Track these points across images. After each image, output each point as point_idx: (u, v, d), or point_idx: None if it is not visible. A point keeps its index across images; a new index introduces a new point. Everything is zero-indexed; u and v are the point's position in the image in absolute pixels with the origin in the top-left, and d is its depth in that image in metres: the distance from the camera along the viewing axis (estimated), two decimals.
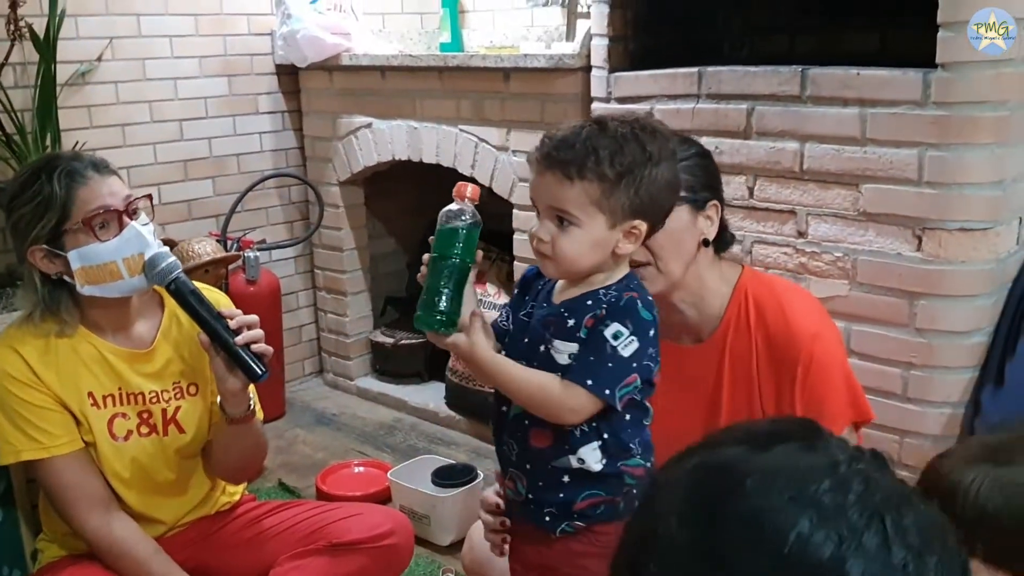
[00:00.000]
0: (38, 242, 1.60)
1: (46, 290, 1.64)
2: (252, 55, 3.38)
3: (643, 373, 1.28)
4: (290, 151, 3.55)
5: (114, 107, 3.04)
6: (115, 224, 1.62)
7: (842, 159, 2.01)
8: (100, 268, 1.61)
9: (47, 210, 1.59)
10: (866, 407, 1.56)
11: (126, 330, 1.72)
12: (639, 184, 1.26)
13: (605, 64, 2.43)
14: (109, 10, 2.98)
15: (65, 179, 1.60)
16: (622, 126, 1.30)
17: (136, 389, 1.70)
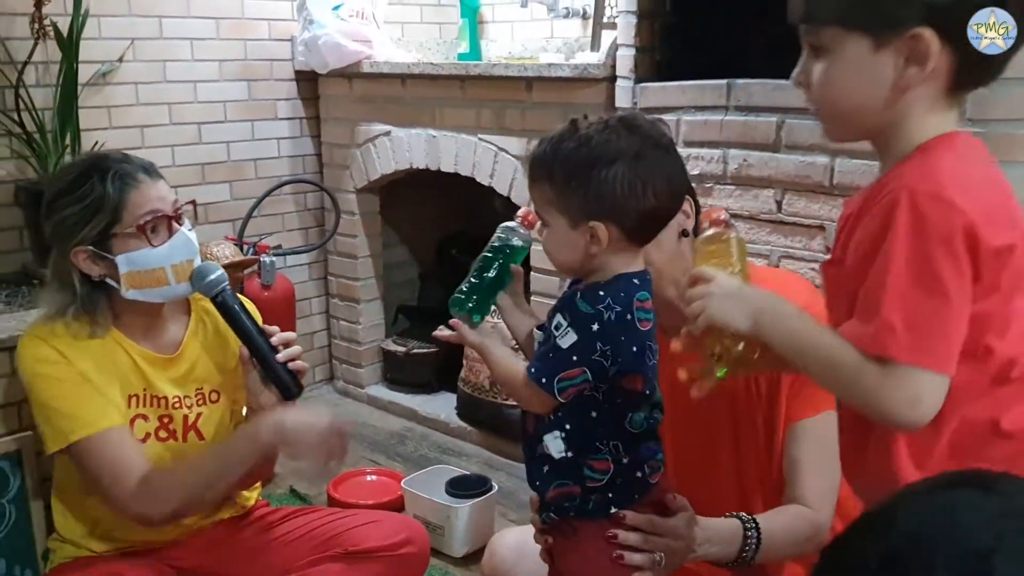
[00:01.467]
0: (84, 243, 1.58)
1: (84, 291, 1.62)
2: (272, 60, 3.38)
3: (596, 371, 1.26)
4: (307, 157, 3.54)
5: (134, 108, 3.03)
6: (165, 229, 1.61)
7: (872, 174, 1.97)
8: (148, 273, 1.59)
9: (97, 212, 1.57)
10: None
11: (155, 334, 1.70)
12: (589, 185, 1.24)
13: (631, 74, 2.42)
14: (132, 11, 2.98)
15: (118, 181, 1.58)
16: (591, 126, 1.29)
17: (160, 393, 1.68)
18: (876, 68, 1.00)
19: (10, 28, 2.70)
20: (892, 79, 1.00)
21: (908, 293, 0.96)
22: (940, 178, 0.97)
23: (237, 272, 2.89)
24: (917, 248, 0.95)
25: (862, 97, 1.03)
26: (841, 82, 1.04)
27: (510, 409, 2.99)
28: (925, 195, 0.96)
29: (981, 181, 1.02)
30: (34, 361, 1.61)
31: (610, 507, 1.31)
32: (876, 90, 1.01)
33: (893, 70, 1.00)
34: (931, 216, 0.95)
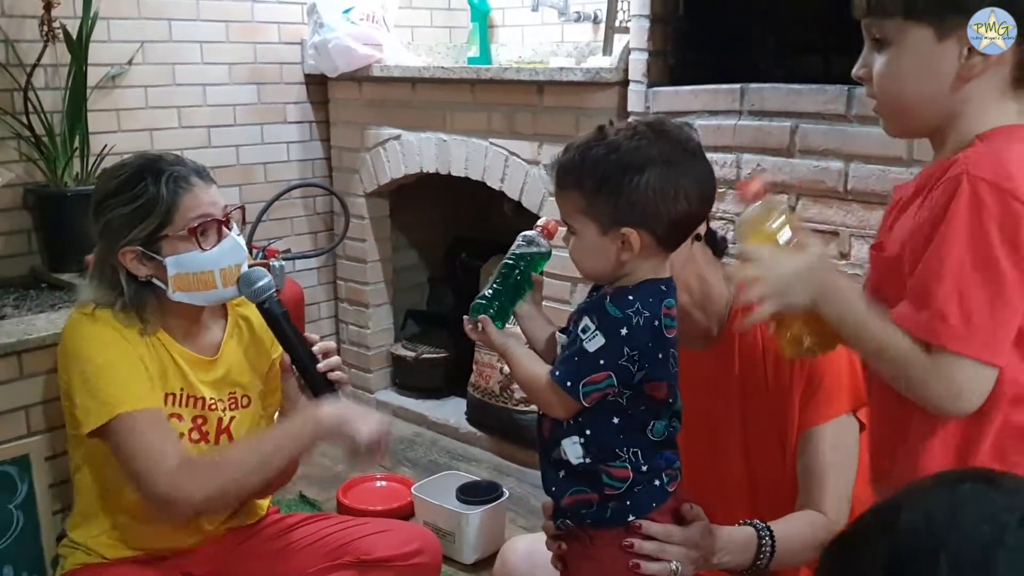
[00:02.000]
0: (133, 243, 1.58)
1: (132, 291, 1.61)
2: (282, 64, 3.37)
3: (622, 376, 1.24)
4: (317, 161, 3.53)
5: (143, 111, 3.02)
6: (214, 233, 1.60)
7: (888, 180, 1.98)
8: (197, 276, 1.59)
9: (150, 213, 1.56)
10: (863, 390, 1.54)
11: (195, 336, 1.70)
12: (619, 193, 1.23)
13: (644, 78, 2.41)
14: (141, 14, 2.98)
15: (172, 184, 1.57)
16: (619, 132, 1.28)
17: (198, 393, 1.68)
18: (939, 58, 0.99)
19: (20, 31, 2.70)
20: (955, 69, 0.99)
21: (963, 282, 0.94)
22: (1003, 167, 0.95)
23: None
24: (976, 236, 0.94)
25: (924, 88, 1.02)
26: (904, 74, 1.03)
27: (520, 414, 2.97)
28: (987, 183, 0.94)
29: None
30: (89, 336, 1.58)
31: (628, 515, 1.30)
32: (938, 81, 1.00)
33: (956, 60, 0.99)
34: (992, 204, 0.93)
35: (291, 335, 1.61)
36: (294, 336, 1.61)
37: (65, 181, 2.73)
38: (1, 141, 2.70)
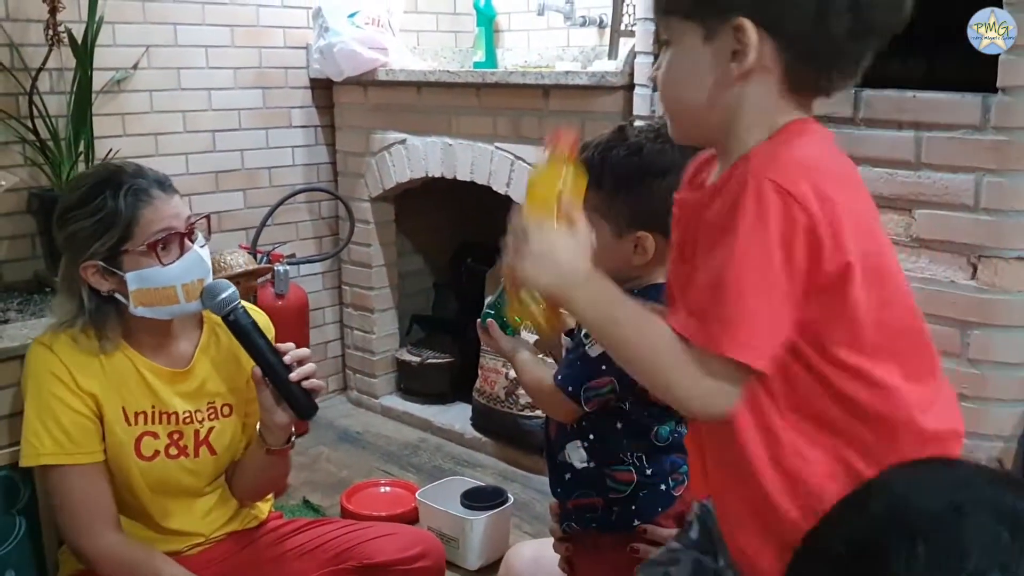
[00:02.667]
0: (94, 258, 1.56)
1: (93, 305, 1.60)
2: (287, 68, 3.37)
3: (623, 381, 1.23)
4: (322, 166, 3.53)
5: (148, 116, 3.02)
6: (176, 247, 1.58)
7: (895, 183, 1.96)
8: (158, 291, 1.57)
9: (109, 228, 1.54)
10: None
11: (166, 348, 1.68)
12: (638, 195, 1.23)
13: (650, 82, 2.39)
14: (147, 18, 2.98)
15: (131, 197, 1.55)
16: (641, 134, 1.26)
17: (170, 408, 1.66)
18: (707, 61, 0.94)
19: (25, 35, 2.70)
20: (721, 72, 0.93)
21: (739, 286, 0.89)
22: (789, 171, 0.90)
23: (250, 281, 2.87)
24: (757, 242, 0.88)
25: (697, 92, 0.96)
26: (680, 75, 0.98)
27: (525, 420, 2.96)
28: (773, 186, 0.89)
29: (838, 176, 0.95)
30: (42, 373, 1.60)
31: (634, 520, 1.29)
32: (708, 84, 0.95)
33: (723, 62, 0.93)
34: (775, 210, 0.88)
35: (260, 346, 1.56)
36: (264, 346, 1.57)
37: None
38: (5, 145, 2.70)
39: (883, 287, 0.95)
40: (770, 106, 0.95)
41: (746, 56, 0.92)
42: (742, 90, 0.94)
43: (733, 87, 0.94)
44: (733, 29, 0.92)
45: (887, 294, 0.96)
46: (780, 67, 0.93)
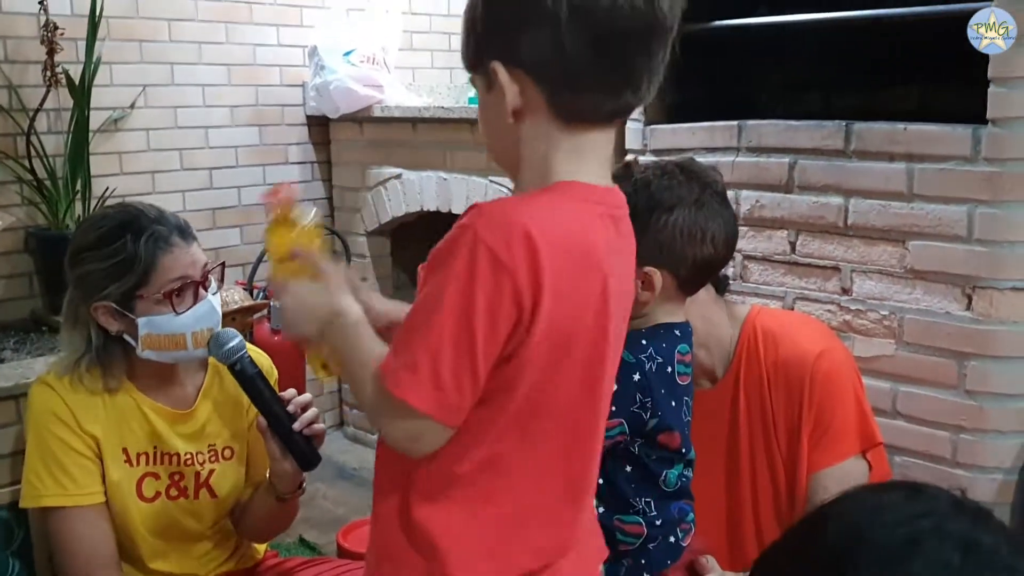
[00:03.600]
0: (107, 299, 1.55)
1: (100, 343, 1.59)
2: (283, 106, 3.39)
3: (634, 422, 1.22)
4: (319, 201, 3.54)
5: (145, 154, 3.04)
6: (191, 295, 1.57)
7: (888, 215, 1.97)
8: (167, 338, 1.56)
9: (127, 272, 1.53)
10: (874, 430, 1.53)
11: (169, 389, 1.67)
12: (645, 231, 1.21)
13: (641, 116, 2.41)
14: (144, 58, 3.00)
15: (151, 244, 1.54)
16: (647, 170, 1.27)
17: (171, 449, 1.65)
18: (492, 106, 0.96)
19: (23, 76, 2.72)
20: (501, 116, 0.94)
21: (438, 338, 0.89)
22: (508, 235, 0.88)
23: (246, 317, 2.87)
24: (463, 300, 0.88)
25: (491, 135, 1.00)
26: (481, 121, 1.01)
27: None
28: (488, 248, 0.88)
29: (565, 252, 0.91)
30: (45, 413, 1.59)
31: (643, 573, 1.27)
32: (497, 127, 0.97)
33: (501, 106, 0.94)
34: (485, 273, 0.88)
35: (266, 397, 1.55)
36: (269, 397, 1.55)
37: (67, 224, 2.73)
38: (3, 185, 2.71)
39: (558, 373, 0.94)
40: (546, 144, 0.95)
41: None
42: (520, 130, 0.95)
43: (512, 129, 0.95)
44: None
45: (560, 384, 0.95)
46: (543, 100, 0.93)
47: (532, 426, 0.95)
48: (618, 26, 0.89)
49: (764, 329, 1.54)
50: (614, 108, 0.95)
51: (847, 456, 1.49)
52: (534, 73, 0.92)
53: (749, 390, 1.54)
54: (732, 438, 1.55)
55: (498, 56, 0.93)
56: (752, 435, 1.54)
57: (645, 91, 0.95)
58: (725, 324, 1.55)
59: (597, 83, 0.92)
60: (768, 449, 1.54)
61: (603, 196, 0.97)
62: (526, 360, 0.91)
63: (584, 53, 0.90)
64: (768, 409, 1.52)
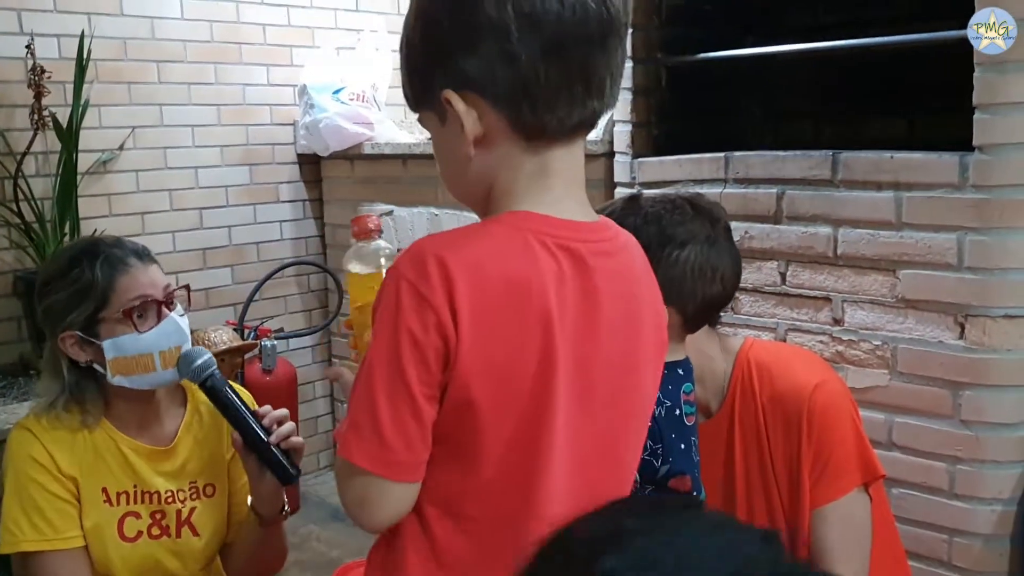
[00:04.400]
0: (71, 328, 1.55)
1: (73, 378, 1.59)
2: (274, 144, 3.39)
3: (645, 470, 1.19)
4: (310, 239, 3.53)
5: (134, 195, 3.03)
6: (154, 315, 1.57)
7: (878, 244, 1.95)
8: (135, 359, 1.56)
9: (85, 297, 1.54)
10: (875, 462, 1.50)
11: (148, 425, 1.65)
12: (656, 266, 1.19)
13: (629, 149, 2.41)
14: (132, 100, 3.01)
15: (106, 266, 1.55)
16: (656, 204, 1.25)
17: (152, 488, 1.63)
18: (448, 140, 0.91)
19: (10, 120, 2.72)
20: (461, 147, 0.90)
21: (373, 392, 0.86)
22: (426, 267, 0.84)
23: (236, 358, 2.85)
24: (390, 345, 0.85)
25: (452, 171, 0.94)
26: (438, 159, 0.96)
27: None
28: (409, 284, 0.84)
29: (487, 272, 0.86)
30: (23, 458, 1.57)
31: None
32: (457, 161, 0.92)
33: (459, 137, 0.90)
34: (408, 313, 0.84)
35: (239, 412, 1.54)
36: (242, 412, 1.54)
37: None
38: None
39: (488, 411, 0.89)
40: (511, 171, 0.90)
41: (458, 122, 0.89)
42: (483, 160, 0.90)
43: (475, 158, 0.90)
44: (445, 104, 0.89)
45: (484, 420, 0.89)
46: (504, 122, 0.88)
47: (477, 465, 0.90)
48: (571, 29, 0.85)
49: (758, 362, 1.52)
50: (580, 118, 0.90)
51: (849, 490, 1.46)
52: (490, 94, 0.87)
53: (744, 424, 1.51)
54: (728, 474, 1.52)
55: (449, 83, 0.88)
56: (748, 471, 1.51)
57: (609, 94, 0.91)
58: (719, 357, 1.53)
59: (558, 93, 0.87)
60: (765, 485, 1.51)
61: (558, 227, 0.90)
62: (460, 395, 0.86)
63: (539, 63, 0.85)
64: (764, 443, 1.50)
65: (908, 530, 1.91)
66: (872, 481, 1.50)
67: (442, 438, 0.89)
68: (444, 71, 0.88)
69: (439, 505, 0.92)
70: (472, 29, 0.86)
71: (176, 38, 3.09)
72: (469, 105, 0.88)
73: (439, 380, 0.86)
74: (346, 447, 0.88)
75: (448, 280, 0.84)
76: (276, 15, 3.34)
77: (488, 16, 0.85)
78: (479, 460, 0.90)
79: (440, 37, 0.89)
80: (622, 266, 0.96)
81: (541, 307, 0.87)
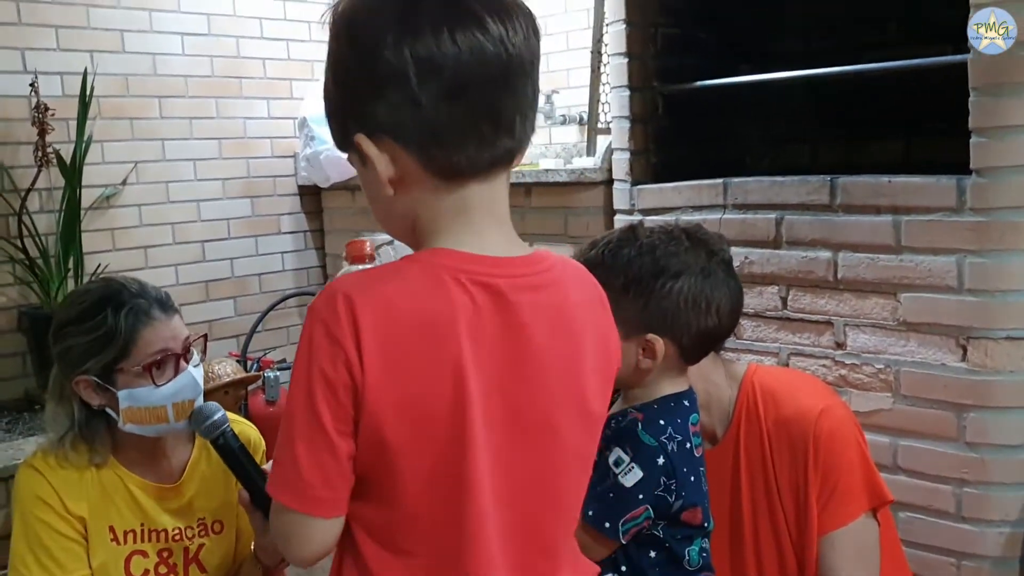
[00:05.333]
0: (88, 373, 1.54)
1: (83, 418, 1.57)
2: (275, 176, 3.42)
3: (659, 507, 1.18)
4: (312, 270, 3.55)
5: (137, 229, 3.05)
6: (171, 368, 1.56)
7: (878, 267, 1.96)
8: (149, 411, 1.55)
9: (106, 346, 1.52)
10: (882, 487, 1.49)
11: (156, 463, 1.64)
12: (648, 296, 1.20)
13: (627, 177, 2.42)
14: (134, 135, 3.04)
15: (131, 317, 1.53)
16: (653, 234, 1.25)
17: (159, 526, 1.62)
18: (371, 181, 0.91)
19: (14, 157, 2.74)
20: (380, 189, 0.90)
21: (292, 430, 0.87)
22: (338, 303, 0.85)
23: (239, 390, 2.85)
24: (304, 375, 0.86)
25: (376, 208, 0.95)
26: (367, 196, 0.96)
27: None
28: (321, 323, 0.85)
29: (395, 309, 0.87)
30: (30, 498, 1.57)
31: None
32: (379, 200, 0.93)
33: (378, 180, 0.90)
34: (320, 347, 0.85)
35: (249, 471, 1.51)
36: (252, 469, 1.52)
37: (59, 302, 2.73)
38: None
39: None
40: (431, 208, 0.91)
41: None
42: (404, 200, 0.91)
43: (396, 197, 0.91)
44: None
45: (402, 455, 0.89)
46: (416, 163, 0.89)
47: (399, 501, 0.90)
48: (471, 71, 0.86)
49: (763, 387, 1.51)
50: (492, 157, 0.90)
51: (857, 516, 1.45)
52: (399, 137, 0.88)
53: (750, 450, 1.51)
54: (734, 500, 1.52)
55: (360, 128, 0.89)
56: (755, 497, 1.51)
57: (521, 131, 0.91)
58: (724, 384, 1.53)
59: (465, 134, 0.88)
60: (772, 511, 1.50)
61: (476, 263, 0.90)
62: (372, 434, 0.87)
63: (442, 106, 0.86)
64: (770, 469, 1.49)
65: (915, 554, 1.90)
66: (880, 506, 1.50)
67: (362, 475, 0.90)
68: (355, 117, 0.90)
69: (375, 537, 0.92)
70: (376, 76, 0.87)
71: (177, 74, 3.12)
72: (382, 149, 0.89)
73: (351, 416, 0.87)
74: (271, 484, 0.90)
75: (354, 319, 0.84)
76: (276, 49, 3.37)
77: (388, 63, 0.86)
78: (399, 495, 0.90)
79: (349, 84, 0.91)
80: (553, 298, 0.95)
81: (452, 344, 0.87)
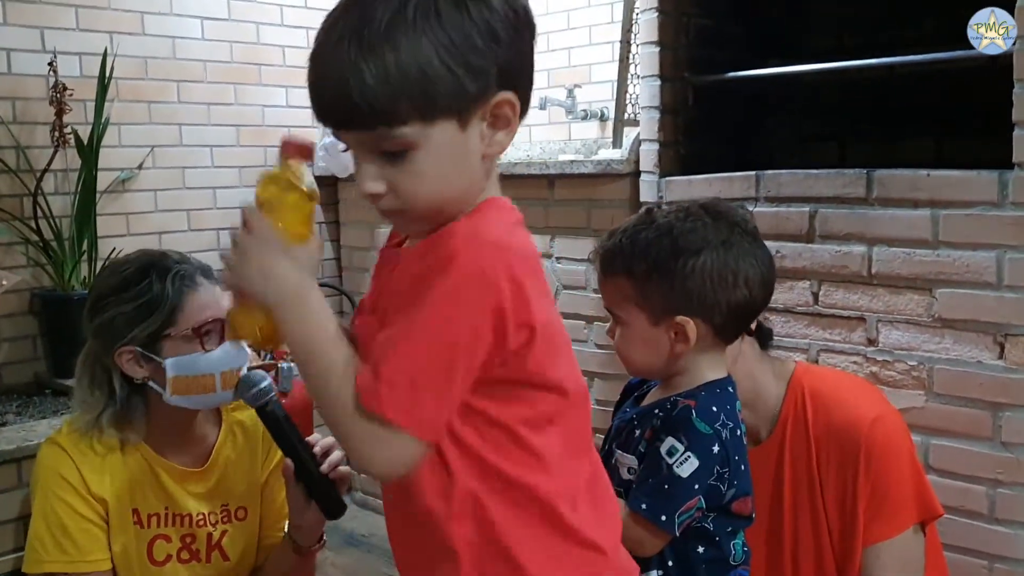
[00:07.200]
0: (132, 343, 1.50)
1: (124, 394, 1.54)
2: None
3: (711, 496, 1.15)
4: (327, 261, 3.51)
5: (152, 215, 3.02)
6: (218, 335, 1.52)
7: (913, 262, 1.92)
8: (196, 380, 1.51)
9: (153, 312, 1.49)
10: (933, 500, 1.46)
11: (184, 446, 1.60)
12: (672, 278, 1.16)
13: (656, 169, 2.39)
14: (152, 119, 3.01)
15: (178, 282, 1.50)
16: (669, 215, 1.21)
17: (184, 510, 1.59)
18: (467, 146, 0.91)
19: (31, 137, 2.71)
20: (482, 150, 0.92)
21: (420, 356, 0.87)
22: (484, 249, 0.89)
23: None
24: (445, 318, 0.87)
25: (463, 179, 0.92)
26: (440, 172, 0.90)
27: None
28: (468, 263, 0.87)
29: (524, 257, 0.92)
30: (52, 476, 1.53)
31: None
32: (472, 167, 0.92)
33: (480, 140, 0.91)
34: (473, 292, 0.87)
35: (294, 442, 1.48)
36: (296, 440, 1.49)
37: (72, 285, 2.69)
38: (9, 246, 2.68)
39: (557, 355, 0.95)
40: (480, 171, 0.94)
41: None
42: (487, 163, 0.95)
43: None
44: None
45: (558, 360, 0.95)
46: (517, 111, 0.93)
47: None
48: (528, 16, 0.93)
49: (813, 391, 1.46)
50: None
51: (904, 528, 1.42)
52: (524, 89, 0.94)
53: (795, 454, 1.46)
54: (775, 503, 1.47)
55: (504, 86, 0.91)
56: (797, 503, 1.46)
57: None
58: (771, 383, 1.48)
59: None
60: (815, 519, 1.46)
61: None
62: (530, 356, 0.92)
63: (529, 49, 0.94)
64: (815, 475, 1.44)
65: (947, 556, 1.86)
66: (929, 520, 1.46)
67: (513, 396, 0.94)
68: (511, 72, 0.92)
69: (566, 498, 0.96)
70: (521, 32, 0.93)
71: (196, 58, 3.09)
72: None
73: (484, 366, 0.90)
74: (381, 404, 0.88)
75: (508, 265, 0.89)
76: (295, 37, 3.34)
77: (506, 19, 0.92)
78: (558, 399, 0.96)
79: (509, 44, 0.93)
80: None
81: None
